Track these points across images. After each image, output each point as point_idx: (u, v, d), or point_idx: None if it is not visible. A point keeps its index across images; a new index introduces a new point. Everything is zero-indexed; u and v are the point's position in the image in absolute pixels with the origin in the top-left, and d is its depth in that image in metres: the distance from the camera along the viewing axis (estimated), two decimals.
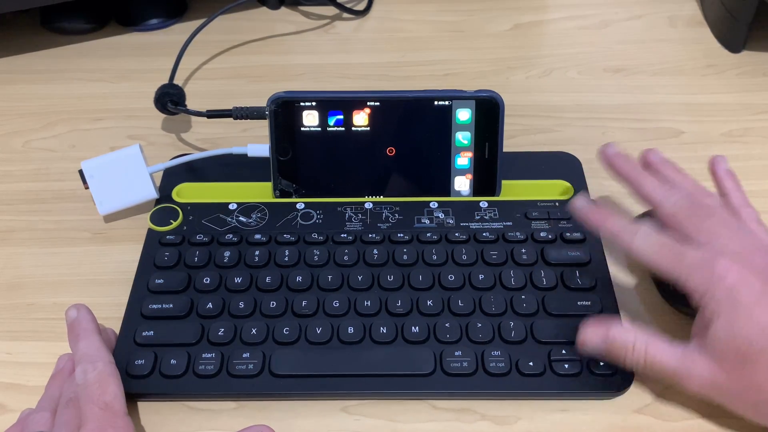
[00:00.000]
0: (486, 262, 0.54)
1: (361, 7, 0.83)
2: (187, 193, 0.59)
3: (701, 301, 0.43)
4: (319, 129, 0.56)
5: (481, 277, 0.52)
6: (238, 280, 0.53)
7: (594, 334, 0.45)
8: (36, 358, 0.51)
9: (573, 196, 0.58)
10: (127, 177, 0.57)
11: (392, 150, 0.57)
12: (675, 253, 0.44)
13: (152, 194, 0.58)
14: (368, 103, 0.56)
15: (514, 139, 0.65)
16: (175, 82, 0.68)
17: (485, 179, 0.58)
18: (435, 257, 0.54)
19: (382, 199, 0.58)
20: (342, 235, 0.55)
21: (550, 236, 0.55)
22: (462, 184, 0.58)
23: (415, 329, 0.49)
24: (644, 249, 0.45)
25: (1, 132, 0.68)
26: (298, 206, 0.58)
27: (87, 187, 0.57)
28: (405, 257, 0.54)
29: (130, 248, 0.56)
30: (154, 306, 0.51)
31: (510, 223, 0.56)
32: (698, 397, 0.45)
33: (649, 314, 0.52)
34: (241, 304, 0.51)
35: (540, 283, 0.52)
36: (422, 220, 0.57)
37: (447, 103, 0.55)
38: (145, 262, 0.54)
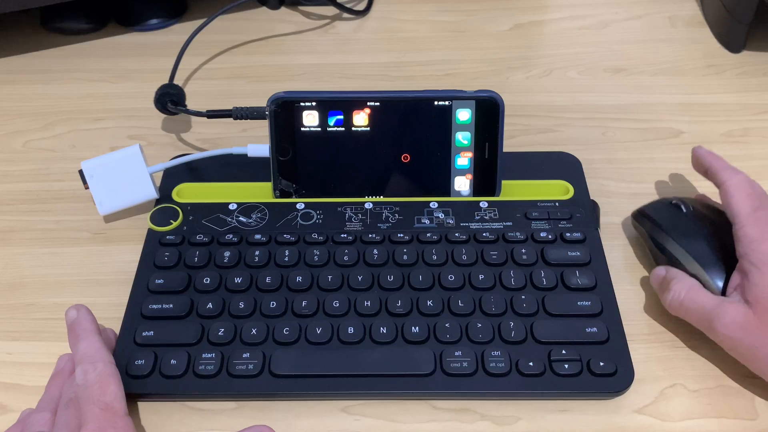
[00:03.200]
0: (486, 263, 0.54)
1: (361, 7, 0.83)
2: (187, 193, 0.59)
3: (746, 248, 0.47)
4: (319, 129, 0.56)
5: (481, 277, 0.52)
6: (238, 280, 0.53)
7: (660, 270, 0.52)
8: (36, 358, 0.51)
9: (573, 196, 0.58)
10: (127, 177, 0.57)
11: (392, 150, 0.57)
12: (754, 205, 0.49)
13: (152, 194, 0.58)
14: (368, 103, 0.56)
15: (514, 139, 0.65)
16: (175, 82, 0.68)
17: (485, 179, 0.58)
18: (435, 257, 0.54)
19: (382, 199, 0.58)
20: (342, 235, 0.55)
21: (550, 236, 0.55)
22: (462, 184, 0.58)
23: (415, 329, 0.49)
24: (738, 185, 0.50)
25: (1, 132, 0.68)
26: (298, 206, 0.58)
27: (87, 187, 0.57)
28: (405, 257, 0.54)
29: (130, 248, 0.56)
30: (154, 306, 0.51)
31: (510, 223, 0.56)
32: (726, 342, 0.47)
33: (649, 314, 0.52)
34: (241, 304, 0.51)
35: (540, 283, 0.52)
36: (422, 220, 0.57)
37: (447, 103, 0.55)
38: (145, 262, 0.54)
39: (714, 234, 0.52)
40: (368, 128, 0.56)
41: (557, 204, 0.57)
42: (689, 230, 0.52)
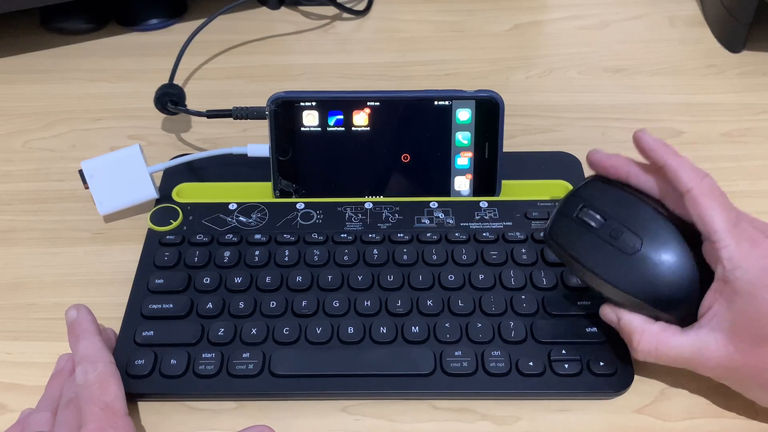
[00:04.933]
0: (486, 262, 0.54)
1: (361, 7, 0.83)
2: (187, 193, 0.59)
3: (729, 274, 0.41)
4: (319, 129, 0.56)
5: (481, 277, 0.52)
6: (238, 280, 0.53)
7: (610, 314, 0.46)
8: (36, 358, 0.51)
9: None
10: (127, 177, 0.57)
11: (392, 150, 0.57)
12: (731, 218, 0.42)
13: (152, 194, 0.58)
14: (368, 103, 0.56)
15: (514, 139, 0.65)
16: (175, 82, 0.68)
17: (485, 179, 0.58)
18: (435, 257, 0.54)
19: (382, 199, 0.58)
20: (342, 235, 0.55)
21: None
22: (462, 184, 0.58)
23: (415, 329, 0.49)
24: (710, 193, 0.42)
25: (1, 132, 0.68)
26: (298, 206, 0.58)
27: (87, 187, 0.57)
28: (405, 257, 0.54)
29: (130, 248, 0.56)
30: (154, 306, 0.51)
31: (510, 223, 0.56)
32: (714, 378, 0.45)
33: None
34: (241, 304, 0.51)
35: (540, 283, 0.52)
36: (422, 220, 0.57)
37: (447, 103, 0.55)
38: (145, 262, 0.54)
39: (647, 247, 0.44)
40: (368, 128, 0.56)
41: (557, 204, 0.57)
42: (611, 257, 0.44)
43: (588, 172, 0.60)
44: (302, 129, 0.56)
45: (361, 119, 0.56)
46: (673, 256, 0.44)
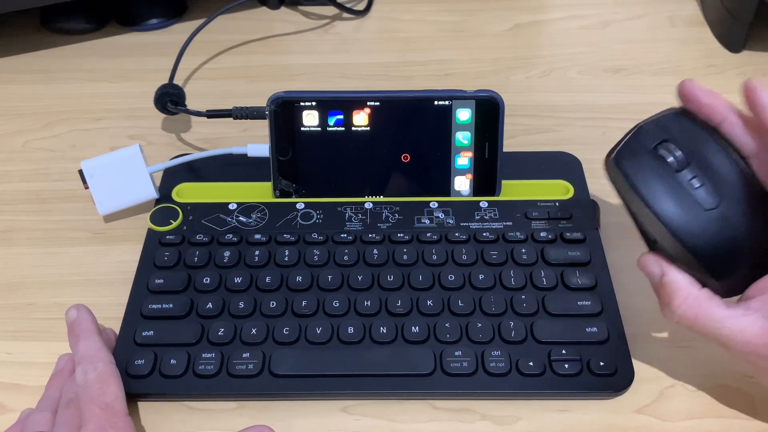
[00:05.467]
0: (486, 262, 0.54)
1: (361, 7, 0.83)
2: (187, 193, 0.59)
3: None
4: (319, 129, 0.56)
5: (481, 277, 0.52)
6: (238, 280, 0.53)
7: (653, 265, 0.43)
8: (36, 358, 0.51)
9: (573, 196, 0.58)
10: (127, 177, 0.57)
11: (392, 150, 0.57)
12: None
13: (152, 194, 0.58)
14: (368, 103, 0.56)
15: (514, 139, 0.65)
16: (175, 82, 0.68)
17: (485, 179, 0.58)
18: (435, 257, 0.54)
19: (382, 199, 0.58)
20: (342, 235, 0.55)
21: (550, 236, 0.55)
22: (462, 184, 0.58)
23: (415, 329, 0.49)
24: None
25: (1, 132, 0.68)
26: (298, 206, 0.58)
27: (87, 187, 0.57)
28: (405, 257, 0.54)
29: (130, 248, 0.56)
30: (154, 306, 0.51)
31: (510, 223, 0.56)
32: (739, 359, 0.42)
33: (649, 314, 0.52)
34: (241, 304, 0.51)
35: (540, 283, 0.52)
36: (422, 220, 0.57)
37: (447, 103, 0.55)
38: (145, 262, 0.54)
39: (720, 206, 0.40)
40: (368, 128, 0.56)
41: (557, 204, 0.57)
42: (681, 205, 0.41)
43: (589, 171, 0.60)
44: (302, 129, 0.56)
45: (361, 119, 0.56)
46: (747, 224, 0.41)
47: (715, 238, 0.40)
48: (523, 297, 0.51)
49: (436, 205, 0.58)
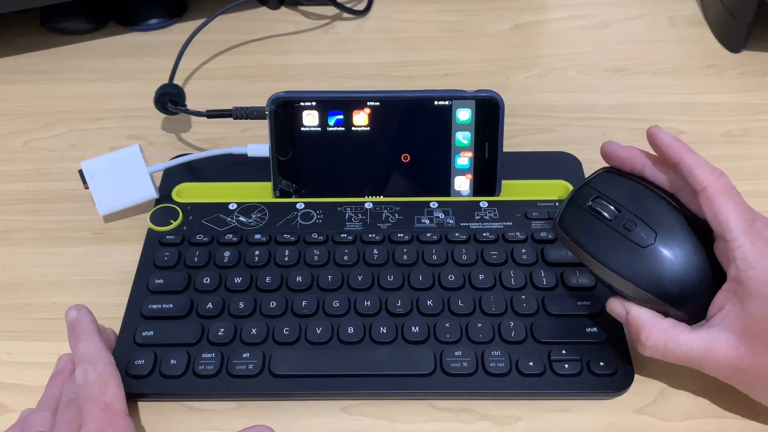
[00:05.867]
0: (486, 262, 0.54)
1: (361, 7, 0.83)
2: (187, 193, 0.59)
3: (742, 275, 0.41)
4: (319, 129, 0.56)
5: (481, 277, 0.52)
6: (238, 280, 0.53)
7: (618, 306, 0.45)
8: (36, 358, 0.51)
9: None
10: (127, 177, 0.57)
11: (392, 150, 0.57)
12: (748, 217, 0.41)
13: (152, 194, 0.58)
14: (368, 103, 0.56)
15: (514, 139, 0.65)
16: (175, 82, 0.68)
17: (485, 179, 0.58)
18: (435, 257, 0.54)
19: (382, 199, 0.58)
20: (342, 235, 0.55)
21: (550, 236, 0.55)
22: (462, 184, 0.58)
23: (415, 329, 0.49)
24: (725, 191, 0.42)
25: (1, 132, 0.68)
26: (298, 206, 0.58)
27: (87, 187, 0.57)
28: (405, 257, 0.54)
29: (130, 248, 0.56)
30: (154, 306, 0.51)
31: (510, 223, 0.56)
32: (720, 378, 0.44)
33: None
34: (241, 304, 0.51)
35: (540, 283, 0.52)
36: (422, 220, 0.57)
37: (447, 103, 0.55)
38: (145, 262, 0.54)
39: (660, 242, 0.44)
40: (368, 128, 0.56)
41: (557, 204, 0.57)
42: (623, 249, 0.44)
43: (589, 171, 0.60)
44: (302, 129, 0.56)
45: (361, 119, 0.56)
46: (686, 251, 0.43)
47: (659, 269, 0.43)
48: (523, 297, 0.51)
49: (436, 205, 0.58)
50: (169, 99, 0.64)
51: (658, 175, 0.47)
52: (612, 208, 0.45)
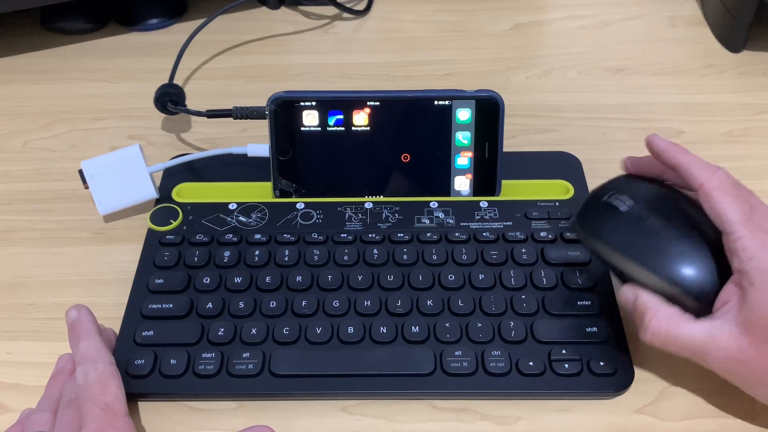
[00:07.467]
0: (486, 262, 0.54)
1: (361, 7, 0.83)
2: (187, 193, 0.59)
3: (745, 265, 0.41)
4: (319, 129, 0.56)
5: (481, 277, 0.52)
6: (238, 280, 0.53)
7: (627, 291, 0.46)
8: (36, 358, 0.51)
9: (573, 196, 0.58)
10: (127, 177, 0.57)
11: (392, 150, 0.57)
12: (745, 209, 0.42)
13: (152, 194, 0.58)
14: (368, 103, 0.56)
15: (514, 139, 0.65)
16: (175, 82, 0.68)
17: (485, 179, 0.58)
18: (435, 257, 0.54)
19: (382, 198, 0.58)
20: (342, 235, 0.55)
21: (550, 236, 0.55)
22: (462, 183, 0.58)
23: (415, 329, 0.49)
24: (721, 186, 0.43)
25: (1, 132, 0.68)
26: (298, 206, 0.58)
27: (87, 187, 0.57)
28: (405, 257, 0.54)
29: (130, 248, 0.56)
30: (154, 306, 0.51)
31: (510, 223, 0.56)
32: (720, 372, 0.44)
33: None
34: (241, 304, 0.51)
35: (540, 283, 0.52)
36: (422, 220, 0.57)
37: (447, 103, 0.55)
38: (145, 262, 0.54)
39: (673, 231, 0.45)
40: (368, 128, 0.56)
41: (557, 204, 0.57)
42: (638, 237, 0.45)
43: (589, 171, 0.60)
44: (302, 129, 0.56)
45: (361, 119, 0.56)
46: (699, 243, 0.44)
47: (672, 258, 0.44)
48: (523, 297, 0.51)
49: (436, 205, 0.58)
50: (169, 99, 0.64)
51: (675, 179, 0.48)
52: (627, 201, 0.46)
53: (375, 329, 0.49)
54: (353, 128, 0.56)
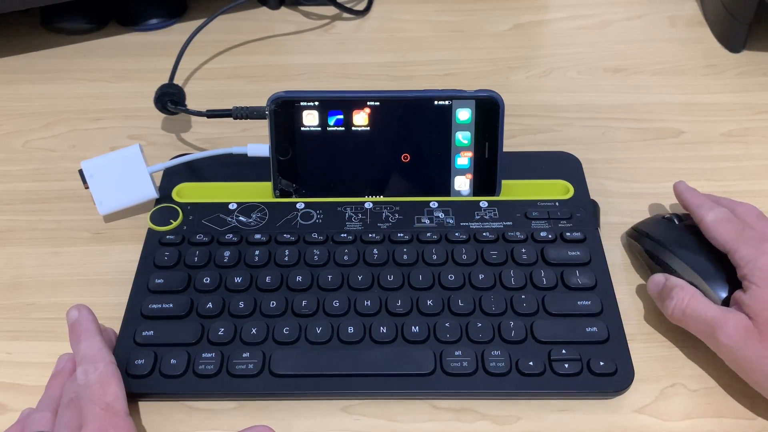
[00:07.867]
0: (486, 262, 0.54)
1: (361, 7, 0.83)
2: (187, 193, 0.59)
3: (745, 269, 0.47)
4: (319, 129, 0.56)
5: (481, 276, 0.52)
6: (238, 280, 0.53)
7: (659, 276, 0.51)
8: (36, 358, 0.51)
9: (573, 196, 0.58)
10: (127, 177, 0.57)
11: (392, 150, 0.57)
12: (737, 229, 0.50)
13: (152, 194, 0.58)
14: (368, 103, 0.56)
15: (514, 139, 0.65)
16: (175, 82, 0.68)
17: (485, 179, 0.58)
18: (435, 257, 0.54)
19: (382, 198, 0.58)
20: (342, 235, 0.55)
21: (550, 236, 0.55)
22: (462, 183, 0.58)
23: (415, 329, 0.49)
24: (716, 219, 0.51)
25: (1, 132, 0.68)
26: (298, 206, 0.58)
27: (87, 187, 0.57)
28: (405, 257, 0.54)
29: (130, 248, 0.56)
30: (154, 306, 0.51)
31: (510, 223, 0.56)
32: (726, 353, 0.46)
33: (649, 314, 0.52)
34: (241, 304, 0.51)
35: (540, 282, 0.52)
36: (422, 220, 0.57)
37: (447, 103, 0.55)
38: (145, 262, 0.54)
39: (709, 245, 0.51)
40: (368, 128, 0.56)
41: (557, 204, 0.57)
42: (686, 242, 0.52)
43: (589, 171, 0.60)
44: (302, 129, 0.56)
45: (361, 119, 0.56)
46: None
47: (708, 261, 0.51)
48: (523, 297, 0.51)
49: (436, 204, 0.58)
50: (169, 99, 0.64)
51: None
52: (678, 218, 0.55)
53: (375, 329, 0.49)
54: (353, 128, 0.56)
